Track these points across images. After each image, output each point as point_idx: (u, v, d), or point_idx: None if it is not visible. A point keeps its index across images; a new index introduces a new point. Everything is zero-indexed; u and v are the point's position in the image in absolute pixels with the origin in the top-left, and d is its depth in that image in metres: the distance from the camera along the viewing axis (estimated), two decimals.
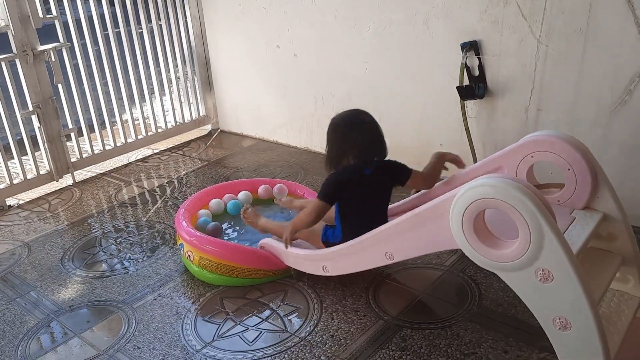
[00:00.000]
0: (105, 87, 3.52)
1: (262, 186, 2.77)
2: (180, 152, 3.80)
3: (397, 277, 2.24)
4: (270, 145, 3.77)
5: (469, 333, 1.90)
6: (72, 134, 3.36)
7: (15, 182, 3.16)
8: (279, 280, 2.26)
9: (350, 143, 1.93)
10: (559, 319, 1.44)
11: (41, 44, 3.06)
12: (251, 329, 2.01)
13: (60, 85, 3.19)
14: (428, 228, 1.68)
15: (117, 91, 3.58)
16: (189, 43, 3.87)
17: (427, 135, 2.99)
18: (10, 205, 3.15)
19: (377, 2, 2.91)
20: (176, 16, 3.74)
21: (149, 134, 3.82)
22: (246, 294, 2.20)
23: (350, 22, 3.07)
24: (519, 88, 2.60)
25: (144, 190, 3.24)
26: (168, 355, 1.91)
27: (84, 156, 3.47)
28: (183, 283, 2.31)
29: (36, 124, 3.16)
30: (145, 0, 3.58)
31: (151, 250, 2.57)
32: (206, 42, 3.90)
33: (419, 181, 2.05)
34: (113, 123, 3.64)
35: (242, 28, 3.62)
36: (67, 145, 3.34)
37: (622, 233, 1.76)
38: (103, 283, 2.34)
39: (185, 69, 3.91)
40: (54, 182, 3.33)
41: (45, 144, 3.21)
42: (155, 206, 3.01)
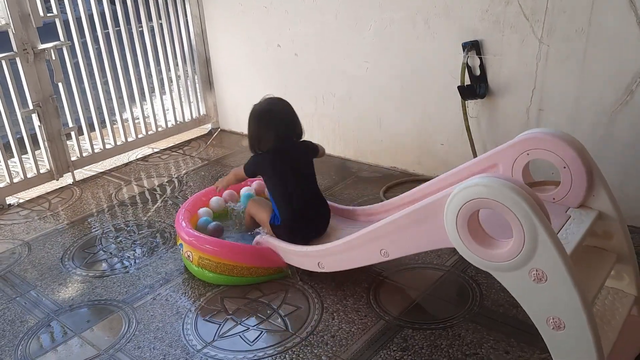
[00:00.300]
0: (105, 86, 3.51)
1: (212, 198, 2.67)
2: (181, 151, 3.80)
3: (398, 278, 2.24)
4: None
5: (470, 333, 1.90)
6: (73, 133, 3.36)
7: (15, 180, 3.15)
8: (280, 280, 2.26)
9: (265, 127, 2.24)
10: (553, 318, 1.45)
11: (42, 43, 3.06)
12: (252, 328, 2.01)
13: (60, 84, 3.19)
14: (423, 226, 1.68)
15: (117, 90, 3.58)
16: (189, 42, 3.87)
17: (427, 135, 2.98)
18: (10, 204, 3.15)
19: (378, 1, 2.91)
20: (177, 15, 3.73)
21: (149, 132, 3.82)
22: (247, 294, 2.20)
23: (351, 22, 3.07)
24: (520, 88, 2.60)
25: (144, 189, 3.23)
26: (169, 355, 1.91)
27: (84, 155, 3.46)
28: (183, 282, 2.31)
29: (36, 122, 3.15)
30: None
31: (151, 249, 2.57)
32: (206, 40, 3.89)
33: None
34: (113, 122, 3.64)
35: (242, 27, 3.62)
36: (68, 144, 3.33)
37: (618, 231, 1.75)
38: (103, 282, 2.34)
39: (185, 68, 3.91)
40: (54, 181, 3.33)
41: (45, 143, 3.21)
42: (156, 205, 3.01)
